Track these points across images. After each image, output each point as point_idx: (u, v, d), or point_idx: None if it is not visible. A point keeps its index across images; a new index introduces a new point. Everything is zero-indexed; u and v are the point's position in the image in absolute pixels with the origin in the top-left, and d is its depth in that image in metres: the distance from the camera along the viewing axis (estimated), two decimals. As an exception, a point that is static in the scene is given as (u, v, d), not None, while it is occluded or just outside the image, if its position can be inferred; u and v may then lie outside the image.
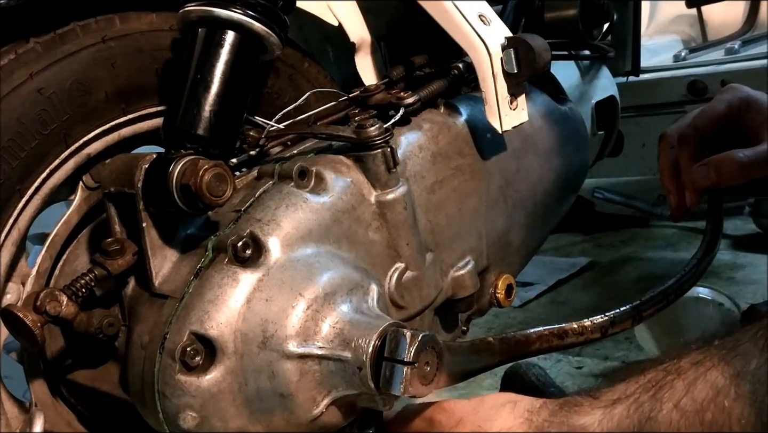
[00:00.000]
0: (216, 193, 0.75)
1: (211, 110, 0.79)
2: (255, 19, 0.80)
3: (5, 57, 0.77)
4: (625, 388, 0.73)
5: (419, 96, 0.95)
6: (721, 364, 0.66)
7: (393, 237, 0.88)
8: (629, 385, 0.73)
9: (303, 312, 0.77)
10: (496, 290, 1.04)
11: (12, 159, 0.77)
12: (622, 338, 1.86)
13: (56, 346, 0.88)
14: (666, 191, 1.05)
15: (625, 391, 0.73)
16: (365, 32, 1.06)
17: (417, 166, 0.93)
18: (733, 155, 0.94)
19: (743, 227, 2.66)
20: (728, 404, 0.64)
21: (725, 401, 0.65)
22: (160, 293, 0.80)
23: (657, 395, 0.70)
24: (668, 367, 0.71)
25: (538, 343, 0.92)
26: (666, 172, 1.04)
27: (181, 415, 0.76)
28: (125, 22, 0.84)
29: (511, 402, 0.80)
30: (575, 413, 0.75)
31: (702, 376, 0.67)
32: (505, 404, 0.80)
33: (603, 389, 0.76)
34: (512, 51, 0.93)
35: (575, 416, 0.75)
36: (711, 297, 1.59)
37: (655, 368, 0.73)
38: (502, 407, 0.80)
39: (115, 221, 0.83)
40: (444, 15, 0.95)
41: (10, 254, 0.81)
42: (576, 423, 0.74)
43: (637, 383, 0.73)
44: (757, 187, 1.03)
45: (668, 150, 1.05)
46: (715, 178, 0.96)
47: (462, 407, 0.82)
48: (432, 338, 0.76)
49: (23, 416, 0.84)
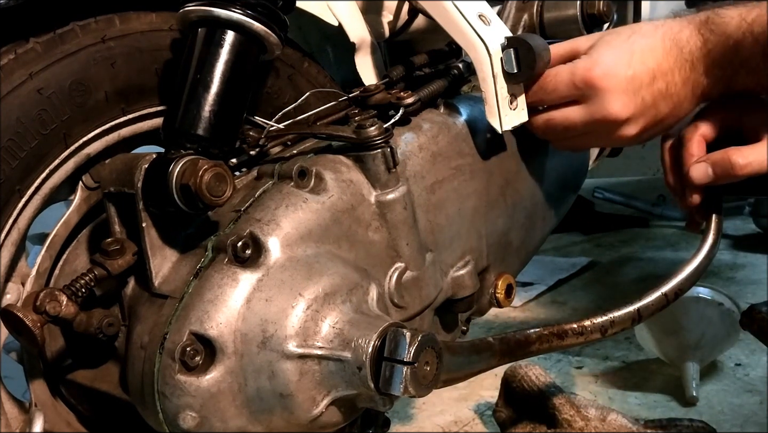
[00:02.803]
0: (216, 193, 0.75)
1: (211, 110, 0.79)
2: (255, 19, 0.80)
3: (5, 57, 0.77)
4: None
5: (419, 96, 0.95)
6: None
7: (393, 237, 0.88)
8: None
9: (303, 312, 0.77)
10: (496, 290, 1.04)
11: (12, 159, 0.77)
12: (622, 338, 1.86)
13: (56, 346, 0.88)
14: (671, 191, 1.05)
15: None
16: (365, 32, 1.06)
17: (417, 166, 0.93)
18: (730, 152, 0.95)
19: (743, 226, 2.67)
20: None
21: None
22: (160, 293, 0.80)
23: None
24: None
25: (538, 343, 0.92)
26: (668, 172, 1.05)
27: (180, 415, 0.76)
28: (125, 22, 0.84)
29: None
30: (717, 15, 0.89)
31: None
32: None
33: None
34: (512, 51, 0.93)
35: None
36: (711, 297, 1.59)
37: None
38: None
39: (115, 220, 0.83)
40: (444, 15, 0.95)
41: (10, 254, 0.81)
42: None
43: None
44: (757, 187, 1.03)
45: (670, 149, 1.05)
46: (713, 175, 0.96)
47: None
48: (432, 338, 0.76)
49: (23, 416, 0.84)
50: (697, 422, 1.34)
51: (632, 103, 0.92)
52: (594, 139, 1.01)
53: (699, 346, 1.58)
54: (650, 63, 0.92)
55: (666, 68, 0.92)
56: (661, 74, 0.92)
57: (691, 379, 1.56)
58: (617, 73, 0.92)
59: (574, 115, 0.95)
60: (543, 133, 1.01)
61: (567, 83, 0.94)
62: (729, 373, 1.68)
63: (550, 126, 0.98)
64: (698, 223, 1.07)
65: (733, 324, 1.56)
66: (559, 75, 0.95)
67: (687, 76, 0.92)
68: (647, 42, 0.93)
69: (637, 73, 0.92)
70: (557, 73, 0.95)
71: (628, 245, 2.75)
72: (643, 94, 0.92)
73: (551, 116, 0.98)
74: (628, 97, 0.92)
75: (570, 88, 0.94)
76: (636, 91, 0.92)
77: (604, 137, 0.99)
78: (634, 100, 0.92)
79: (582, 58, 0.95)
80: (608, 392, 1.66)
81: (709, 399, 1.56)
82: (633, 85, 0.92)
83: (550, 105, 0.99)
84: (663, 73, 0.92)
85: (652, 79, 0.92)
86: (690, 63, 0.92)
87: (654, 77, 0.92)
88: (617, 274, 2.47)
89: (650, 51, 0.92)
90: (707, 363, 1.64)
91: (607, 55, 0.93)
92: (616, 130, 0.94)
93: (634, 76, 0.92)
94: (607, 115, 0.93)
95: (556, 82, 0.95)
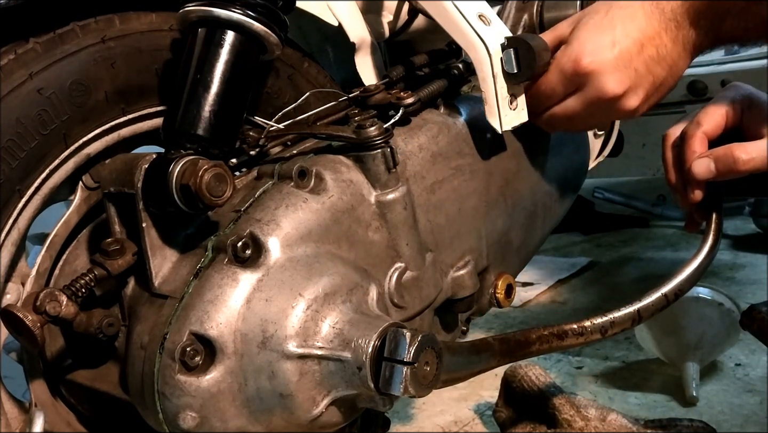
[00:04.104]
0: (216, 193, 0.75)
1: (211, 110, 0.79)
2: (255, 19, 0.80)
3: (5, 57, 0.77)
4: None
5: (419, 96, 0.95)
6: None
7: (393, 237, 0.88)
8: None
9: (303, 312, 0.77)
10: (496, 290, 1.04)
11: (12, 159, 0.77)
12: (622, 338, 1.86)
13: (56, 346, 0.88)
14: (672, 189, 1.05)
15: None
16: (365, 32, 1.06)
17: (417, 167, 0.93)
18: (733, 148, 0.95)
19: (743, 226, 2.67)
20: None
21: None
22: (160, 293, 0.80)
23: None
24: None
25: (538, 343, 0.92)
26: (670, 170, 1.05)
27: (180, 415, 0.76)
28: (125, 22, 0.84)
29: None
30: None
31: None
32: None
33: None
34: (512, 51, 0.93)
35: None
36: (711, 297, 1.59)
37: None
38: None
39: (115, 220, 0.83)
40: (444, 15, 0.95)
41: (10, 254, 0.81)
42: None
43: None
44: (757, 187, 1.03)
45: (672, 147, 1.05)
46: (715, 171, 0.96)
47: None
48: (432, 338, 0.76)
49: (23, 416, 0.84)
50: (697, 422, 1.34)
51: (626, 77, 0.92)
52: (599, 118, 1.01)
53: (699, 346, 1.58)
54: (634, 33, 0.91)
55: (652, 33, 0.92)
56: (648, 40, 0.92)
57: (691, 379, 1.56)
58: (603, 53, 0.92)
59: (574, 104, 0.96)
60: (549, 127, 1.02)
61: (560, 81, 0.95)
62: (729, 373, 1.68)
63: (554, 120, 0.99)
64: (698, 223, 1.07)
65: (733, 324, 1.56)
66: (549, 77, 0.95)
67: (675, 35, 0.92)
68: (626, 12, 0.92)
69: (624, 47, 0.91)
70: (547, 76, 0.95)
71: (628, 245, 2.75)
72: (635, 65, 0.92)
73: (552, 112, 0.98)
74: (620, 72, 0.92)
75: (565, 85, 0.95)
76: (627, 65, 0.92)
77: (608, 115, 0.99)
78: (627, 73, 0.92)
79: (564, 50, 0.95)
80: (608, 392, 1.66)
81: (709, 399, 1.56)
82: (623, 59, 0.92)
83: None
84: (650, 38, 0.92)
85: (641, 48, 0.92)
86: (675, 22, 0.91)
87: (642, 45, 0.92)
88: (617, 274, 2.47)
89: (631, 20, 0.92)
90: (707, 363, 1.64)
91: (589, 38, 0.93)
92: (619, 106, 0.95)
93: (622, 51, 0.91)
94: (603, 95, 0.93)
95: (550, 86, 0.95)
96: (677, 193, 1.05)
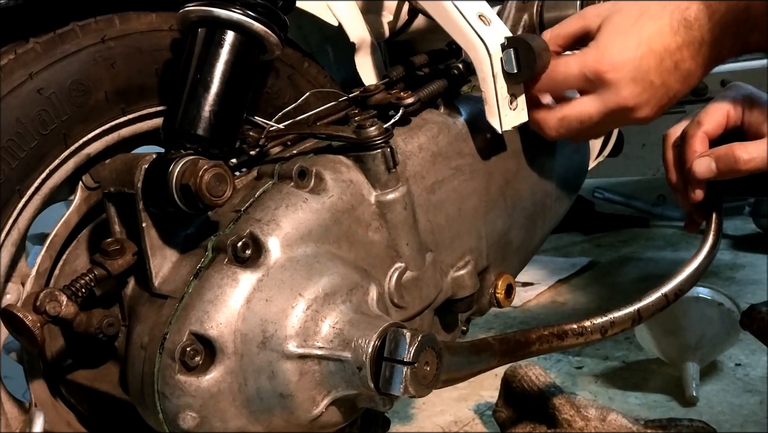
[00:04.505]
0: (216, 193, 0.75)
1: (211, 110, 0.79)
2: (255, 19, 0.80)
3: (5, 57, 0.77)
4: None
5: (419, 96, 0.95)
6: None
7: (393, 237, 0.88)
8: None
9: (303, 312, 0.77)
10: (496, 290, 1.04)
11: (12, 159, 0.77)
12: (622, 338, 1.86)
13: (56, 346, 0.88)
14: (672, 189, 1.05)
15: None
16: (365, 32, 1.06)
17: (417, 167, 0.93)
18: (735, 147, 0.95)
19: (743, 226, 2.67)
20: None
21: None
22: (160, 293, 0.80)
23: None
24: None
25: (538, 343, 0.92)
26: (671, 169, 1.05)
27: (180, 415, 0.76)
28: (125, 22, 0.84)
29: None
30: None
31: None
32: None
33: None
34: (512, 51, 0.93)
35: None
36: (711, 297, 1.59)
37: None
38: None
39: (115, 220, 0.83)
40: (444, 15, 0.95)
41: (10, 254, 0.81)
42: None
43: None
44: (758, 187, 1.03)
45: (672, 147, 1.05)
46: (716, 170, 0.96)
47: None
48: (432, 338, 0.76)
49: (23, 416, 0.84)
50: (697, 422, 1.34)
51: (642, 89, 0.93)
52: (609, 126, 1.01)
53: (699, 346, 1.58)
54: (657, 46, 0.92)
55: (674, 48, 0.92)
56: (668, 54, 0.92)
57: (691, 379, 1.56)
58: (625, 64, 0.92)
59: (590, 108, 0.95)
60: (557, 133, 0.99)
61: (577, 76, 0.94)
62: (729, 373, 1.68)
63: (565, 123, 0.97)
64: (697, 223, 1.07)
65: (733, 324, 1.56)
66: (569, 66, 0.95)
67: (696, 51, 0.92)
68: (655, 25, 0.92)
69: (644, 59, 0.92)
70: (567, 64, 0.95)
71: (628, 245, 2.75)
72: (651, 78, 0.92)
73: (565, 114, 0.97)
74: (637, 84, 0.92)
75: (580, 81, 0.94)
76: (644, 77, 0.92)
77: (619, 122, 0.99)
78: (643, 85, 0.93)
79: (591, 48, 0.94)
80: (608, 392, 1.66)
81: (709, 399, 1.56)
82: (641, 71, 0.92)
83: (556, 97, 0.99)
84: (671, 53, 0.92)
85: (660, 61, 0.92)
86: (699, 39, 0.91)
87: (661, 58, 0.92)
88: (617, 274, 2.47)
89: (658, 34, 0.92)
90: (707, 363, 1.64)
91: (615, 43, 0.93)
92: (631, 115, 0.95)
93: (641, 63, 0.92)
94: (620, 104, 0.93)
95: (566, 74, 0.95)
96: (678, 193, 1.05)
